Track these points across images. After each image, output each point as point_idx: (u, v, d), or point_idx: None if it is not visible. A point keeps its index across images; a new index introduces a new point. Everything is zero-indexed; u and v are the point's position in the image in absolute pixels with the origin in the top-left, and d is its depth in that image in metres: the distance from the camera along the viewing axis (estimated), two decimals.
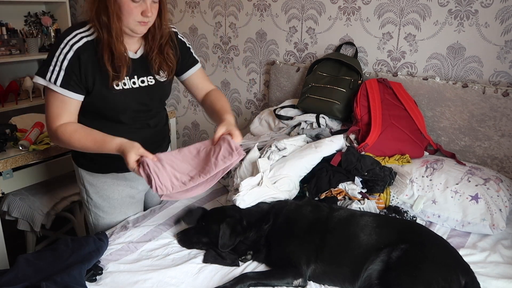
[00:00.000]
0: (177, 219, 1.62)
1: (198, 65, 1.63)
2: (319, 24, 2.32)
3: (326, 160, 1.73)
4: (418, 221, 1.61)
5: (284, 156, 1.75)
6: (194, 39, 2.86)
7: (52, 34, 3.26)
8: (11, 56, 3.01)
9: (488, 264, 1.40)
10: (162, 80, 1.51)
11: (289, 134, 2.10)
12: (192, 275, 1.32)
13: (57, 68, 1.31)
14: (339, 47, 2.25)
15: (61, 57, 1.31)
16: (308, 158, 1.69)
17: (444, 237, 1.54)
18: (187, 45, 1.59)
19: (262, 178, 1.55)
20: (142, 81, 1.46)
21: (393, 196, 1.67)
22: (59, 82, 1.32)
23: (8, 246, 2.05)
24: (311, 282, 1.31)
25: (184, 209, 1.68)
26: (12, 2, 3.15)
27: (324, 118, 2.06)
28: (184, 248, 1.45)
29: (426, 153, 1.90)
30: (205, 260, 1.38)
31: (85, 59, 1.33)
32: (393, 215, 1.57)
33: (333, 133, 2.01)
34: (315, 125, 2.04)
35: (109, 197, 1.62)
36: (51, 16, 3.34)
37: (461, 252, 1.41)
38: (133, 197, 1.68)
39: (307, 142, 1.89)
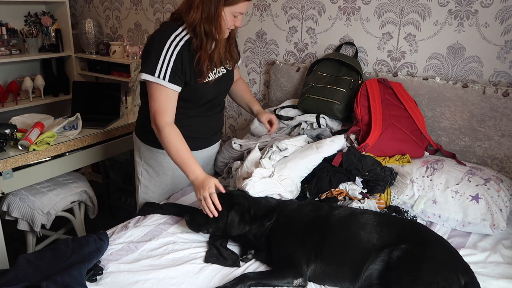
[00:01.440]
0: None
1: (240, 60, 1.91)
2: (319, 24, 2.32)
3: (326, 160, 1.73)
4: (419, 221, 1.61)
5: (285, 157, 1.75)
6: None
7: (52, 34, 3.26)
8: (11, 56, 3.01)
9: (489, 264, 1.40)
10: (229, 68, 1.77)
11: (289, 134, 2.10)
12: (192, 275, 1.32)
13: (164, 66, 1.52)
14: (339, 47, 2.25)
15: (168, 56, 1.52)
16: (309, 159, 1.69)
17: (445, 237, 1.54)
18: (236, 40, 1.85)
19: (273, 172, 1.58)
20: (219, 72, 1.70)
21: (394, 196, 1.67)
22: (167, 78, 1.53)
23: (8, 246, 2.05)
24: (311, 282, 1.31)
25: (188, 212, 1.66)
26: (12, 2, 3.15)
27: (324, 118, 2.06)
28: (184, 248, 1.45)
29: (426, 153, 1.90)
30: (206, 260, 1.38)
31: (186, 58, 1.55)
32: (394, 215, 1.57)
33: (334, 133, 2.01)
34: (315, 125, 2.04)
35: (163, 173, 1.81)
36: (51, 16, 3.34)
37: (462, 252, 1.41)
38: (184, 178, 1.75)
39: (308, 142, 1.90)
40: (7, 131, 2.06)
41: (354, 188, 1.64)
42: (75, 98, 2.70)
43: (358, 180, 1.66)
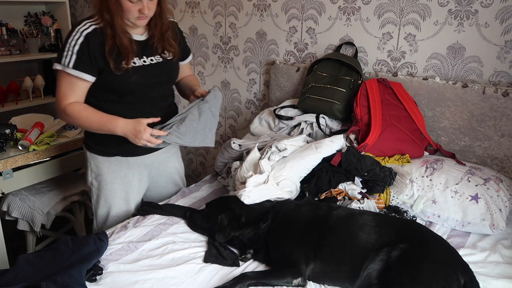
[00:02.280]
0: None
1: (191, 55, 1.88)
2: (319, 24, 2.32)
3: (326, 160, 1.73)
4: (418, 221, 1.61)
5: (284, 157, 1.75)
6: (194, 39, 2.86)
7: (52, 34, 3.26)
8: (11, 56, 3.01)
9: (488, 264, 1.40)
10: (169, 58, 1.68)
11: (289, 134, 2.10)
12: (192, 275, 1.32)
13: (69, 53, 1.49)
14: (339, 47, 2.25)
15: (73, 42, 1.49)
16: (308, 159, 1.69)
17: (444, 237, 1.54)
18: (184, 34, 1.81)
19: (268, 177, 1.57)
20: (152, 60, 1.63)
21: (393, 196, 1.67)
22: (71, 64, 1.49)
23: (8, 246, 2.05)
24: (311, 282, 1.31)
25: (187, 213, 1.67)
26: (12, 2, 3.15)
27: (324, 118, 2.06)
28: (184, 248, 1.45)
29: (426, 153, 1.90)
30: (206, 260, 1.39)
31: (94, 42, 1.50)
32: (393, 215, 1.57)
33: (333, 133, 2.01)
34: (315, 125, 2.04)
35: (111, 181, 1.72)
36: (51, 16, 3.35)
37: (461, 252, 1.41)
38: (134, 185, 1.77)
39: (307, 142, 1.90)
40: (7, 131, 2.06)
41: (353, 188, 1.64)
42: None
43: (358, 180, 1.66)
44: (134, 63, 1.57)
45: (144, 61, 1.60)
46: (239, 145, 1.92)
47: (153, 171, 1.83)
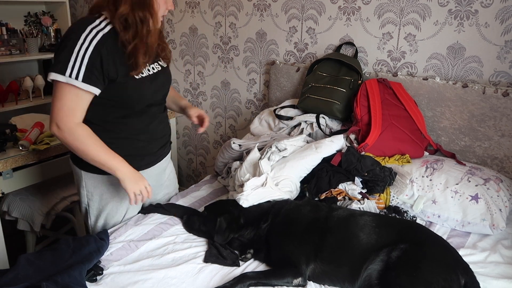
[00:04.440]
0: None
1: None
2: (319, 24, 2.32)
3: (326, 160, 1.73)
4: (418, 221, 1.61)
5: (284, 157, 1.75)
6: (194, 39, 2.86)
7: (52, 34, 3.26)
8: (11, 56, 3.01)
9: (488, 264, 1.41)
10: (164, 66, 1.60)
11: (289, 134, 2.10)
12: (192, 275, 1.32)
13: (77, 64, 1.31)
14: (339, 47, 2.25)
15: (81, 52, 1.31)
16: (308, 159, 1.69)
17: (444, 237, 1.54)
18: None
19: (266, 179, 1.56)
20: (153, 68, 1.52)
21: (393, 196, 1.67)
22: (80, 77, 1.31)
23: (8, 246, 2.05)
24: (311, 282, 1.31)
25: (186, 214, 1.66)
26: (12, 2, 3.15)
27: (324, 118, 2.06)
28: (184, 248, 1.45)
29: (426, 153, 1.90)
30: (206, 260, 1.39)
31: (106, 53, 1.34)
32: (393, 215, 1.57)
33: (333, 133, 2.01)
34: (315, 125, 2.04)
35: (112, 199, 1.60)
36: (51, 16, 3.34)
37: (461, 252, 1.41)
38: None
39: (307, 142, 1.90)
40: (7, 131, 2.06)
41: (353, 188, 1.64)
42: None
43: (358, 180, 1.66)
44: (142, 72, 1.46)
45: (149, 70, 1.50)
46: (239, 145, 1.92)
47: (154, 181, 1.69)
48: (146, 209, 1.68)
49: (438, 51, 2.01)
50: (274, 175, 1.63)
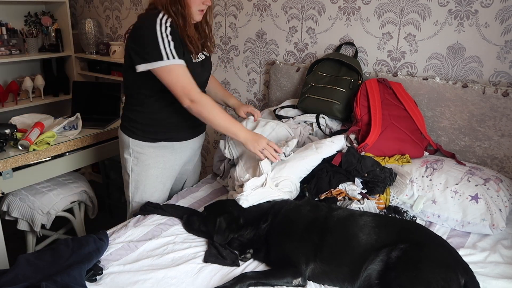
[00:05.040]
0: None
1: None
2: (319, 24, 2.32)
3: (326, 160, 1.73)
4: (418, 221, 1.61)
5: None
6: None
7: (52, 34, 3.26)
8: (11, 56, 3.01)
9: (488, 264, 1.40)
10: (207, 54, 1.81)
11: None
12: (192, 275, 1.32)
13: (167, 47, 1.53)
14: (339, 47, 2.25)
15: (164, 38, 1.53)
16: (309, 160, 1.69)
17: (444, 237, 1.54)
18: None
19: (266, 179, 1.56)
20: (201, 56, 1.75)
21: (393, 196, 1.67)
22: (176, 56, 1.55)
23: (8, 246, 2.05)
24: (311, 282, 1.31)
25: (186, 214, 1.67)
26: (12, 2, 3.15)
27: (324, 118, 2.06)
28: (184, 248, 1.45)
29: (426, 153, 1.90)
30: (206, 260, 1.39)
31: (176, 37, 1.58)
32: (393, 215, 1.57)
33: (333, 133, 2.01)
34: (315, 125, 2.04)
35: (154, 166, 1.79)
36: (51, 16, 3.35)
37: (461, 252, 1.41)
38: (174, 169, 1.86)
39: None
40: (7, 131, 2.06)
41: (353, 188, 1.63)
42: (75, 98, 2.70)
43: (358, 180, 1.66)
44: (197, 58, 1.71)
45: (199, 57, 1.73)
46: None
47: (190, 156, 1.92)
48: (146, 210, 1.69)
49: (438, 51, 2.01)
50: (274, 176, 1.63)
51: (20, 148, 2.03)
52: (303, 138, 1.97)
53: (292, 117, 2.14)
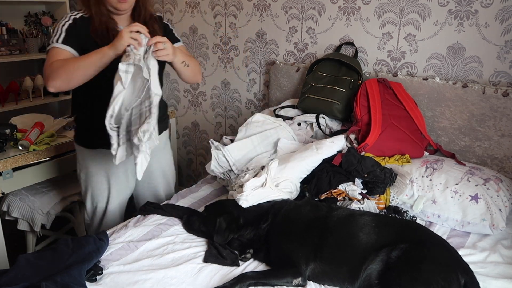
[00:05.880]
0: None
1: (181, 43, 1.82)
2: (319, 24, 2.32)
3: (326, 160, 1.73)
4: (418, 221, 1.61)
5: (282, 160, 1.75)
6: (194, 39, 2.86)
7: None
8: (11, 56, 3.01)
9: (488, 264, 1.40)
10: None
11: None
12: (192, 275, 1.32)
13: (58, 32, 1.54)
14: (339, 47, 2.25)
15: (62, 24, 1.55)
16: (309, 160, 1.69)
17: (444, 237, 1.54)
18: (170, 27, 1.81)
19: (266, 180, 1.56)
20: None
21: (393, 196, 1.67)
22: (60, 40, 1.53)
23: (8, 246, 2.05)
24: (311, 282, 1.31)
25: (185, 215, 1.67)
26: (12, 2, 3.15)
27: (324, 118, 2.06)
28: (184, 248, 1.45)
29: (426, 153, 1.90)
30: (206, 260, 1.39)
31: (81, 27, 1.56)
32: (393, 215, 1.57)
33: (333, 133, 2.01)
34: (315, 125, 2.04)
35: (96, 173, 1.77)
36: (51, 16, 3.34)
37: (461, 252, 1.41)
38: (118, 177, 1.79)
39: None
40: (7, 131, 2.06)
41: (353, 188, 1.63)
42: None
43: (358, 180, 1.66)
44: None
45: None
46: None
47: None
48: (145, 210, 1.68)
49: (438, 51, 2.01)
50: (274, 176, 1.63)
51: (20, 148, 2.03)
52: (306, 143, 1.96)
53: (292, 117, 2.14)
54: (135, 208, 1.97)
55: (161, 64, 1.60)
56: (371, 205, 1.59)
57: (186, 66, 1.65)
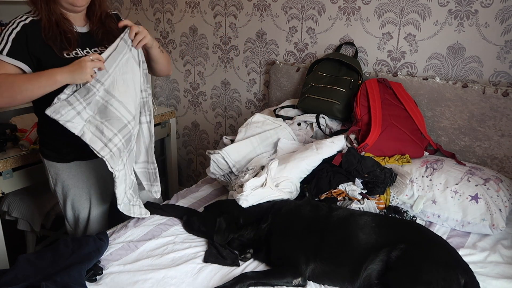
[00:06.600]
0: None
1: None
2: (319, 24, 2.32)
3: (326, 160, 1.73)
4: (418, 221, 1.61)
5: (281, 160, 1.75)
6: (194, 39, 2.86)
7: None
8: None
9: (488, 264, 1.41)
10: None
11: None
12: (192, 275, 1.32)
13: (4, 41, 1.41)
14: (339, 47, 2.25)
15: (9, 32, 1.42)
16: (309, 160, 1.69)
17: (444, 237, 1.54)
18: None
19: (266, 180, 1.56)
20: (95, 51, 1.59)
21: (393, 196, 1.67)
22: (5, 52, 1.41)
23: (8, 246, 2.05)
24: (311, 282, 1.31)
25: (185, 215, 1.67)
26: (12, 2, 3.15)
27: (324, 118, 2.06)
28: (184, 248, 1.45)
29: (426, 153, 1.90)
30: (206, 260, 1.39)
31: (32, 33, 1.44)
32: (393, 215, 1.57)
33: (333, 133, 2.01)
34: (315, 125, 2.04)
35: (74, 185, 1.69)
36: None
37: (461, 252, 1.41)
38: (98, 187, 1.75)
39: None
40: (7, 131, 2.06)
41: (353, 188, 1.64)
42: None
43: (358, 180, 1.66)
44: (77, 53, 1.52)
45: (87, 52, 1.55)
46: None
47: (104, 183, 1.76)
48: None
49: (438, 51, 2.01)
50: (274, 176, 1.63)
51: (20, 148, 2.03)
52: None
53: (292, 117, 2.14)
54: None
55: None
56: (371, 205, 1.59)
57: (162, 52, 1.67)
